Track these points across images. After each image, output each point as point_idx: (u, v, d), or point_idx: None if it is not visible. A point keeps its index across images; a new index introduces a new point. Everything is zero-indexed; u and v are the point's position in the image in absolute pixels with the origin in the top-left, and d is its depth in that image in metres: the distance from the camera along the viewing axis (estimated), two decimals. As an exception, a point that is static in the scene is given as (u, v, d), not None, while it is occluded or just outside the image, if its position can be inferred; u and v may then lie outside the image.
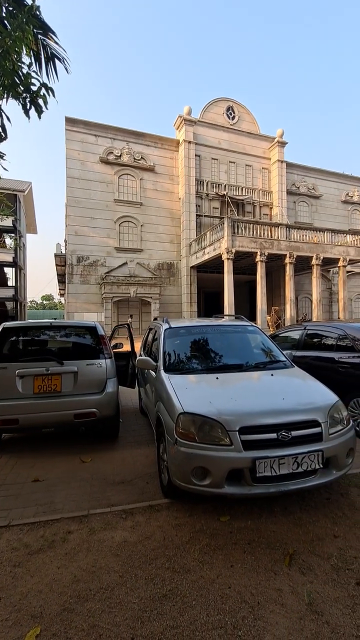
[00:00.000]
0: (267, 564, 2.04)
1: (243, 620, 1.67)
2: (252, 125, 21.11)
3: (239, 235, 14.78)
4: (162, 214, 19.17)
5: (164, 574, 2.00)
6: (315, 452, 2.42)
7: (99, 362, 4.09)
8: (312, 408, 2.64)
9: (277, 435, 2.42)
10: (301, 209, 22.87)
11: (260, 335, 4.08)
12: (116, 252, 18.09)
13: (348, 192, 24.44)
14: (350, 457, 2.64)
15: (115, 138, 18.31)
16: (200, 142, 19.44)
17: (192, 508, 2.67)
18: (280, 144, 21.10)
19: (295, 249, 15.80)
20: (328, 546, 2.18)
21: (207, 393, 2.84)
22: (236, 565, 2.05)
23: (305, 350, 5.28)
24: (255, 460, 2.32)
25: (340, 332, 4.78)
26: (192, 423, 2.52)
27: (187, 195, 18.77)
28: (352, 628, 1.61)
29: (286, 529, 2.37)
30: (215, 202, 19.94)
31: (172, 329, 3.92)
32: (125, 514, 2.63)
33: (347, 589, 1.84)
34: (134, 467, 3.53)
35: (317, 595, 1.80)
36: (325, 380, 3.30)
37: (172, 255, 19.42)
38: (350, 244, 17.29)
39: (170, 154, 19.47)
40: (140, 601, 1.80)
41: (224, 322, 4.34)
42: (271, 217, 21.03)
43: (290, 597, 1.81)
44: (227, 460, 2.35)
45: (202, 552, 2.17)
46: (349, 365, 4.37)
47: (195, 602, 1.79)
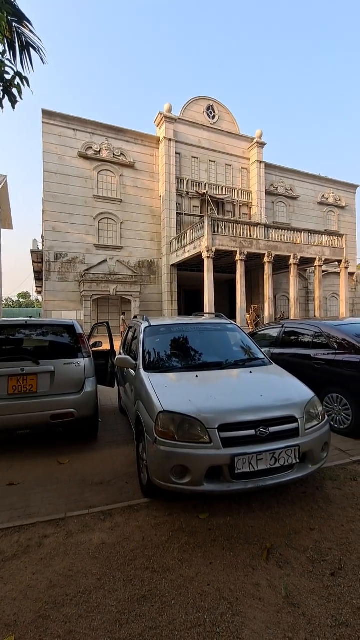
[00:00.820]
0: (246, 560, 2.07)
1: (222, 616, 1.68)
2: (232, 125, 21.28)
3: (219, 234, 14.89)
4: (142, 211, 19.00)
5: (143, 574, 1.98)
6: (292, 448, 2.47)
7: (77, 361, 4.00)
8: (289, 404, 2.69)
9: (256, 432, 2.45)
10: (279, 209, 23.31)
11: (239, 333, 4.12)
12: (95, 249, 17.78)
13: (324, 194, 25.14)
14: (325, 452, 2.72)
15: (95, 133, 17.95)
16: (180, 140, 19.39)
17: (171, 507, 2.66)
18: (259, 144, 21.40)
19: (274, 249, 16.10)
20: (304, 539, 2.23)
21: (187, 391, 2.84)
22: (215, 562, 2.06)
23: (283, 347, 5.39)
24: (234, 457, 2.34)
25: (316, 329, 4.91)
26: (172, 422, 2.51)
27: (168, 193, 18.70)
28: (327, 618, 1.65)
29: (264, 524, 2.40)
30: (195, 201, 19.98)
31: (152, 327, 3.89)
32: (103, 515, 2.58)
33: (323, 580, 1.89)
34: (113, 467, 3.49)
35: (294, 588, 1.84)
36: (302, 377, 3.38)
37: (153, 253, 19.31)
38: (325, 245, 17.80)
39: (151, 151, 19.32)
40: (119, 603, 1.78)
41: (204, 321, 4.35)
42: (250, 217, 21.32)
43: (267, 591, 1.83)
44: (207, 458, 2.36)
45: (181, 550, 2.17)
46: (324, 362, 4.50)
47: (175, 601, 1.79)
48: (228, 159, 21.09)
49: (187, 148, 19.77)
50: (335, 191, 25.75)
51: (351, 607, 1.71)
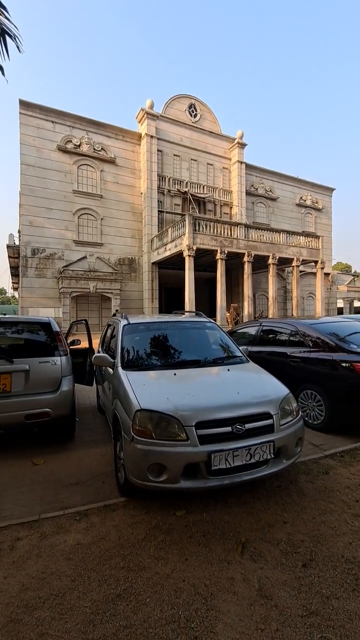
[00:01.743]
0: (221, 554, 2.09)
1: (196, 612, 1.70)
2: (214, 124, 21.37)
3: (200, 233, 14.94)
4: (123, 208, 18.77)
5: (119, 573, 1.97)
6: (267, 443, 2.52)
7: (54, 360, 3.91)
8: (265, 401, 2.74)
9: (232, 429, 2.48)
10: (259, 209, 23.67)
11: (217, 331, 4.16)
12: (75, 245, 17.41)
13: (302, 196, 25.74)
14: (299, 446, 2.79)
15: (74, 126, 17.53)
16: (162, 138, 19.28)
17: (148, 505, 2.65)
18: (240, 145, 21.61)
19: (253, 248, 16.34)
20: (278, 532, 2.29)
21: (165, 389, 2.84)
22: (191, 558, 2.07)
23: (260, 345, 5.49)
24: (211, 454, 2.37)
25: (292, 328, 5.03)
26: (149, 420, 2.50)
27: (149, 191, 18.56)
28: (299, 608, 1.70)
29: (239, 519, 2.44)
30: (177, 199, 19.94)
31: (131, 325, 3.86)
32: (79, 515, 2.55)
33: (295, 571, 1.94)
34: (90, 467, 3.44)
35: (267, 581, 1.88)
36: (278, 374, 3.45)
37: (134, 250, 19.13)
38: (303, 245, 18.24)
39: (132, 147, 19.09)
40: (93, 604, 1.76)
41: (183, 319, 4.36)
42: (231, 216, 21.52)
43: (241, 584, 1.87)
44: (184, 456, 2.37)
45: (157, 548, 2.17)
46: (300, 360, 4.62)
47: (150, 599, 1.79)
48: (209, 158, 21.18)
49: (168, 145, 19.68)
50: (312, 193, 26.42)
51: (321, 597, 1.77)
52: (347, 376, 3.99)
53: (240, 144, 21.58)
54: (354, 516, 2.43)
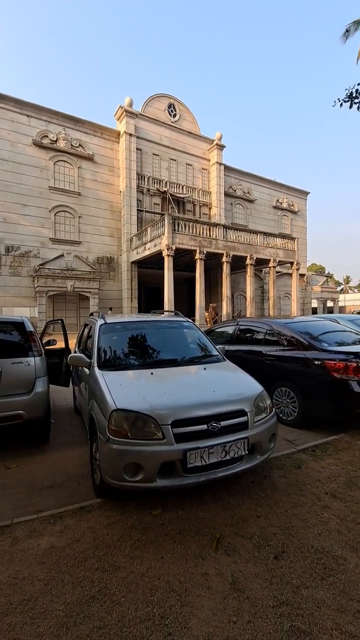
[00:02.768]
0: (196, 551, 2.12)
1: (171, 608, 1.71)
2: (193, 125, 21.47)
3: (179, 233, 14.99)
4: (101, 206, 18.51)
5: (93, 575, 1.95)
6: (241, 440, 2.58)
7: (27, 360, 3.81)
8: (240, 399, 2.79)
9: (208, 427, 2.52)
10: (237, 211, 24.02)
11: (195, 330, 4.19)
12: (51, 243, 16.99)
13: (278, 199, 26.36)
14: (272, 442, 2.87)
15: (51, 121, 17.11)
16: (141, 136, 19.17)
17: (124, 505, 2.65)
18: (219, 146, 21.84)
19: (232, 249, 16.57)
20: (251, 526, 2.34)
21: (141, 389, 2.84)
22: (166, 556, 2.09)
23: (238, 344, 5.58)
24: (187, 452, 2.39)
25: (268, 327, 5.16)
26: (125, 419, 2.49)
27: (128, 189, 18.41)
28: (269, 599, 1.76)
29: (214, 515, 2.48)
30: (156, 198, 19.89)
31: (107, 325, 3.82)
32: (53, 519, 2.50)
33: (266, 563, 2.00)
34: (65, 469, 3.38)
35: (240, 574, 1.93)
36: (254, 372, 3.53)
37: (113, 249, 18.92)
38: (279, 247, 18.69)
39: (111, 145, 18.86)
40: (67, 607, 1.74)
41: (160, 318, 4.37)
42: (210, 217, 21.72)
43: (215, 579, 1.90)
44: (160, 454, 2.38)
45: (133, 547, 2.17)
46: (275, 358, 4.75)
47: (124, 598, 1.79)
48: (189, 159, 21.27)
49: (148, 144, 19.60)
50: (288, 196, 27.11)
51: (291, 587, 1.83)
52: (318, 373, 4.14)
53: (219, 145, 21.81)
54: (324, 508, 2.53)
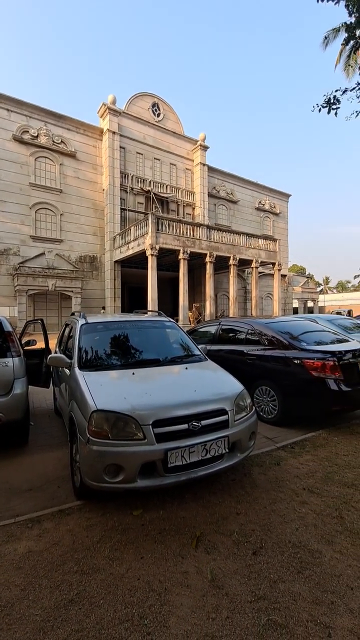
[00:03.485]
0: (176, 550, 2.13)
1: (150, 608, 1.72)
2: (177, 125, 21.49)
3: (162, 233, 14.97)
4: (84, 204, 18.25)
5: (72, 578, 1.93)
6: (222, 438, 2.61)
7: (5, 361, 3.72)
8: (221, 398, 2.82)
9: (189, 426, 2.53)
10: (221, 211, 24.23)
11: (177, 330, 4.21)
12: (32, 241, 16.61)
13: (261, 200, 26.76)
14: (252, 440, 2.92)
15: (32, 116, 16.71)
16: (125, 135, 19.02)
17: (105, 507, 2.62)
18: (203, 147, 21.96)
19: (215, 249, 16.69)
20: (231, 523, 2.37)
21: (122, 389, 2.82)
22: (146, 556, 2.09)
23: (220, 344, 5.64)
24: (168, 452, 2.40)
25: (249, 327, 5.23)
26: (106, 420, 2.47)
27: (112, 187, 18.22)
28: (248, 595, 1.79)
29: (195, 514, 2.50)
30: (140, 197, 19.79)
31: (89, 325, 3.78)
32: (31, 522, 2.45)
33: (245, 559, 2.03)
34: (44, 471, 3.32)
35: (219, 571, 1.95)
36: (236, 371, 3.58)
37: (96, 248, 18.68)
38: (261, 248, 18.97)
39: (94, 142, 18.62)
40: (44, 611, 1.71)
41: (142, 318, 4.35)
42: (194, 217, 21.80)
43: (195, 577, 1.92)
44: (140, 455, 2.37)
45: (113, 549, 2.16)
46: (255, 357, 4.82)
47: (103, 600, 1.77)
48: (173, 159, 21.27)
49: (131, 143, 19.47)
50: (270, 198, 27.57)
51: (268, 581, 1.87)
52: (298, 372, 4.23)
53: (203, 146, 21.93)
54: (301, 503, 2.60)
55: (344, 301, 43.31)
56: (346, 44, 7.18)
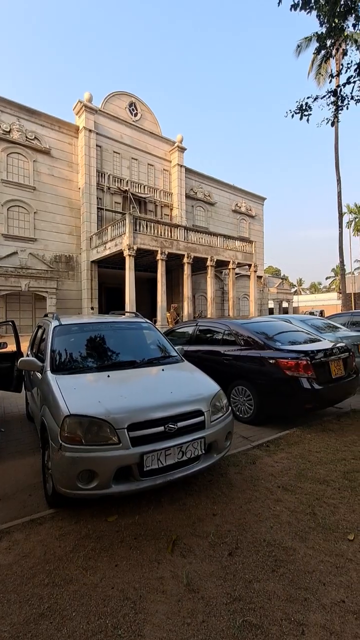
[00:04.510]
0: (152, 555, 2.10)
1: (124, 617, 1.67)
2: (154, 125, 21.42)
3: (140, 233, 14.85)
4: (59, 202, 17.78)
5: (42, 591, 1.85)
6: (198, 440, 2.60)
7: (-28, 365, 3.53)
8: (197, 399, 2.82)
9: (165, 428, 2.50)
10: (198, 213, 24.37)
11: (154, 331, 4.17)
12: (4, 239, 15.98)
13: (237, 203, 27.16)
14: (228, 440, 2.93)
15: (4, 111, 16.09)
16: (101, 133, 18.73)
17: (78, 514, 2.55)
18: (180, 149, 22.01)
19: (193, 250, 16.76)
20: (207, 525, 2.37)
21: (97, 392, 2.76)
22: (121, 563, 2.04)
23: (197, 344, 5.65)
24: (143, 455, 2.36)
25: (225, 327, 5.28)
26: (79, 425, 2.40)
27: (88, 186, 17.88)
28: (223, 597, 1.78)
29: (171, 517, 2.47)
30: (117, 197, 19.55)
31: (62, 326, 3.67)
32: (0, 534, 2.34)
33: (221, 561, 2.03)
34: (15, 479, 3.18)
35: (195, 574, 1.93)
36: (213, 371, 3.59)
37: (72, 247, 18.24)
38: (238, 249, 19.24)
39: (69, 139, 18.19)
40: (12, 627, 1.63)
41: (118, 319, 4.28)
42: (171, 218, 21.79)
43: (171, 582, 1.89)
44: (115, 459, 2.32)
45: (86, 558, 2.09)
46: (232, 357, 4.87)
47: (75, 612, 1.71)
48: (150, 159, 21.18)
49: (108, 142, 19.20)
50: (247, 201, 28.05)
51: (244, 582, 1.87)
52: (273, 372, 4.31)
53: (180, 147, 21.98)
54: (276, 501, 2.63)
55: (316, 302, 44.82)
56: (317, 53, 7.42)
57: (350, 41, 7.58)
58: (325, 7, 5.42)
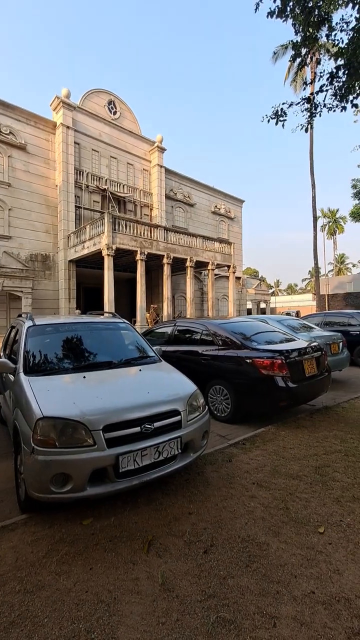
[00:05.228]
0: (127, 556, 2.08)
1: (98, 621, 1.65)
2: (134, 124, 21.29)
3: (119, 233, 14.71)
4: (35, 199, 17.31)
5: (13, 599, 1.80)
6: (175, 439, 2.61)
7: None
8: (174, 399, 2.82)
9: (141, 429, 2.49)
10: (178, 214, 24.44)
11: (131, 332, 4.14)
12: (-24, 236, 15.40)
13: (216, 205, 27.46)
14: (205, 439, 2.96)
15: (-24, 103, 15.53)
16: (79, 130, 18.41)
17: (52, 518, 2.49)
18: (160, 149, 21.99)
19: (172, 251, 16.79)
20: (183, 524, 2.38)
21: (72, 394, 2.71)
22: (96, 566, 2.01)
23: (176, 344, 5.66)
24: (119, 457, 2.34)
25: (203, 328, 5.32)
26: (53, 428, 2.35)
27: (65, 184, 17.51)
28: (198, 594, 1.79)
29: (147, 517, 2.47)
30: (96, 196, 19.27)
31: (36, 327, 3.58)
32: (-31, 543, 2.25)
33: (196, 559, 2.04)
34: (-14, 486, 3.07)
35: (170, 574, 1.94)
36: (191, 371, 3.61)
37: (48, 246, 17.81)
38: (217, 251, 19.46)
39: (46, 136, 17.75)
40: (-20, 639, 1.57)
41: (95, 319, 4.22)
42: (151, 218, 21.73)
43: (146, 583, 1.88)
44: (90, 461, 2.29)
45: (60, 562, 2.05)
46: (210, 357, 4.92)
47: (48, 618, 1.67)
48: (130, 158, 21.03)
49: (86, 139, 18.90)
50: (226, 203, 28.41)
51: (218, 578, 1.89)
52: (249, 371, 4.39)
53: (160, 148, 21.96)
54: (250, 498, 2.68)
55: (293, 303, 46.06)
56: (293, 61, 7.63)
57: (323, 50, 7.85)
58: (300, 17, 5.58)
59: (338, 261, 57.50)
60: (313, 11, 5.61)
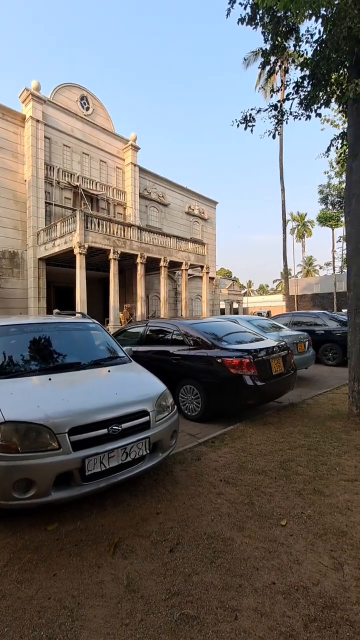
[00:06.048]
0: (92, 560, 2.06)
1: (60, 627, 1.62)
2: (107, 121, 20.96)
3: (92, 231, 14.43)
4: (3, 194, 16.59)
5: (-29, 611, 1.72)
6: (143, 440, 2.61)
7: None
8: (142, 399, 2.82)
9: (108, 430, 2.47)
10: (152, 213, 24.35)
11: (101, 332, 4.09)
12: None
13: (190, 205, 27.63)
14: (174, 439, 2.98)
15: None
16: (50, 124, 17.85)
17: (16, 525, 2.41)
18: (134, 147, 21.81)
19: (146, 250, 16.71)
20: (150, 524, 2.39)
21: (36, 397, 2.63)
22: (59, 572, 1.97)
23: (147, 344, 5.65)
24: (85, 459, 2.31)
25: (175, 328, 5.35)
26: (15, 432, 2.28)
27: (35, 179, 16.92)
28: (162, 593, 1.81)
29: (115, 519, 2.45)
30: (67, 192, 18.78)
31: (0, 328, 3.44)
32: None
33: (162, 558, 2.06)
34: None
35: (136, 574, 1.94)
36: (163, 371, 3.62)
37: (17, 243, 17.13)
38: (191, 251, 19.60)
39: (14, 129, 17.06)
40: None
41: (62, 320, 4.12)
42: (125, 217, 21.50)
43: (110, 585, 1.87)
44: (54, 465, 2.24)
45: (22, 570, 1.99)
46: (180, 357, 4.95)
47: (8, 628, 1.62)
48: (103, 155, 20.68)
49: (58, 134, 18.37)
50: (200, 204, 28.66)
51: (183, 576, 1.92)
52: (219, 370, 4.47)
53: (134, 146, 21.78)
54: (217, 494, 2.74)
55: (264, 303, 47.34)
56: (262, 68, 7.83)
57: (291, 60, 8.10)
58: (269, 25, 5.74)
59: (306, 263, 59.79)
60: (282, 21, 5.79)
